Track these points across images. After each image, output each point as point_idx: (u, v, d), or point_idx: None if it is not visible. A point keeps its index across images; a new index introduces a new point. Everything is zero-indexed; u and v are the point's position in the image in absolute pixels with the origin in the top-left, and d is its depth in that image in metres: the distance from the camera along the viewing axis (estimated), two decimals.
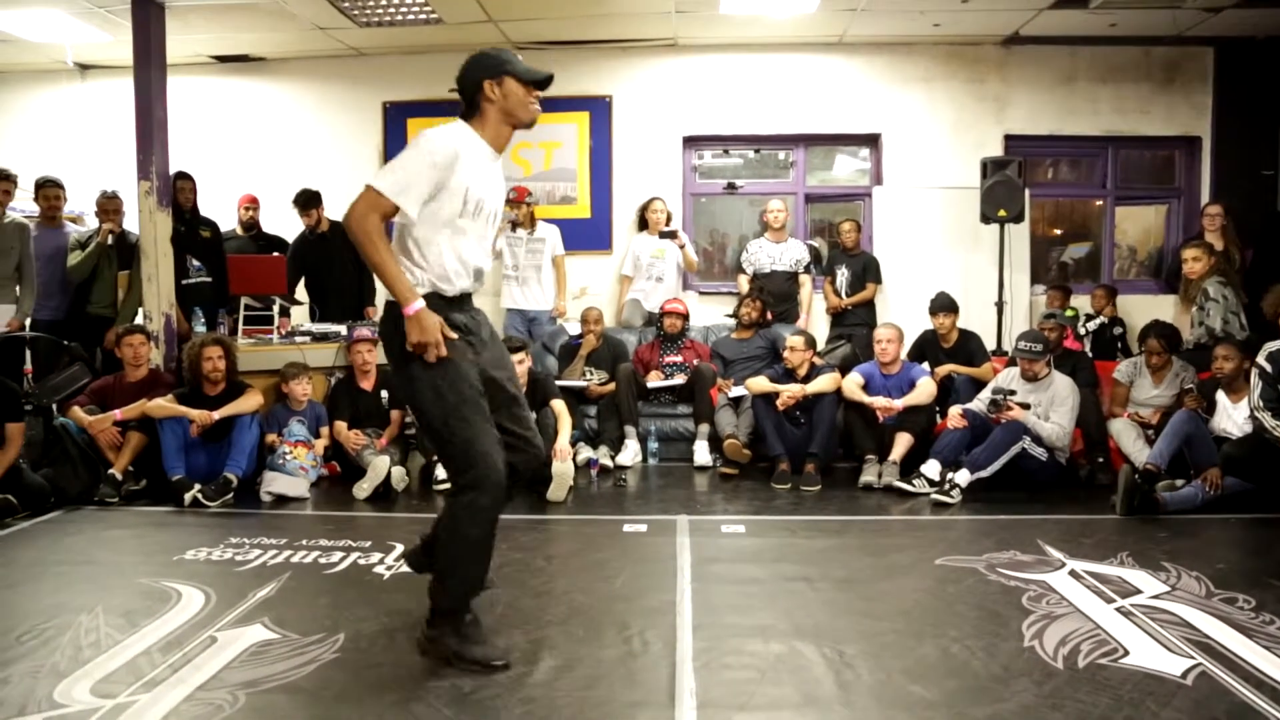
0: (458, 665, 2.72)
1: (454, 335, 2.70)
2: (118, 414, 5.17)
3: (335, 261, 6.63)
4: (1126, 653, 2.82)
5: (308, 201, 6.62)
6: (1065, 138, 7.52)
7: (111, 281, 6.26)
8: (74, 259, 6.12)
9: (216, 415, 5.13)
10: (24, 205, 6.95)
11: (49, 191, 6.23)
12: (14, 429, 4.83)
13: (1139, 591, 3.39)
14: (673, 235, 7.01)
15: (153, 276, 6.09)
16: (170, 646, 2.93)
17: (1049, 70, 7.39)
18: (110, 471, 5.02)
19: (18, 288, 5.92)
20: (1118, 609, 3.21)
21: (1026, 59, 7.39)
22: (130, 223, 6.33)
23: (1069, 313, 6.77)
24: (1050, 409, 5.12)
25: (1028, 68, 7.40)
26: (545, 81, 2.79)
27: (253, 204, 6.98)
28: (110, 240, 6.16)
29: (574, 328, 6.70)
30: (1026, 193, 6.90)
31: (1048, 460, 5.05)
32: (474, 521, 2.72)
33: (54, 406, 5.40)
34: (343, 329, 6.10)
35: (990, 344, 6.35)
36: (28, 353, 6.02)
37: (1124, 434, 5.17)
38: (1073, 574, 3.60)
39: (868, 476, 5.26)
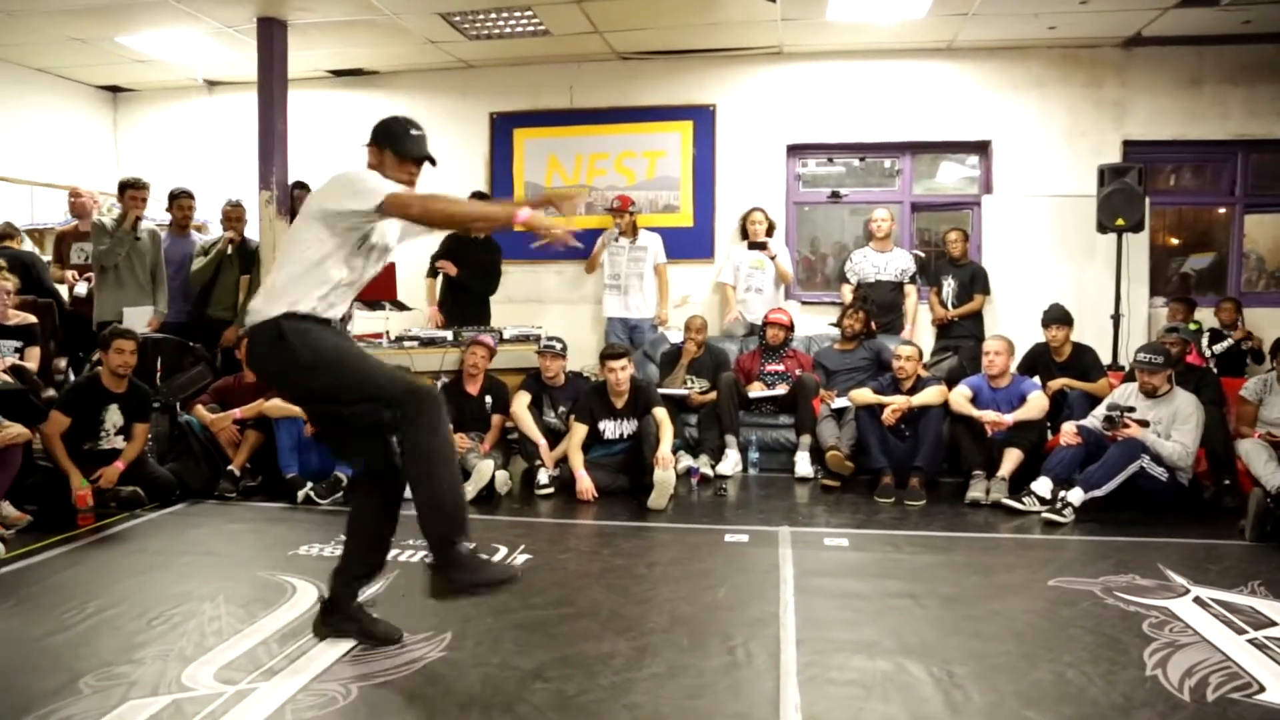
0: (477, 593, 2.77)
1: None
2: (237, 413, 5.41)
3: (478, 261, 6.82)
4: (1262, 689, 2.66)
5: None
6: (1190, 142, 7.17)
7: (232, 285, 6.56)
8: (196, 264, 6.44)
9: None
10: (155, 213, 7.35)
11: (183, 202, 6.58)
12: (140, 428, 5.11)
13: (1273, 624, 3.19)
14: (762, 247, 6.95)
15: None
16: (286, 638, 3.04)
17: (1173, 72, 7.07)
18: (229, 468, 5.26)
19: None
20: (1250, 641, 3.03)
21: (1148, 61, 7.09)
22: (251, 230, 6.63)
23: (1193, 326, 6.46)
24: (1172, 427, 4.88)
25: (1150, 70, 7.10)
26: (422, 159, 2.99)
27: None
28: (230, 249, 6.45)
29: (675, 336, 6.72)
30: (1147, 201, 6.61)
31: (1168, 481, 4.80)
32: (435, 432, 2.74)
33: (179, 404, 5.68)
34: (449, 334, 6.24)
35: (1106, 358, 6.10)
36: (157, 354, 6.37)
37: (1254, 455, 4.87)
38: (1198, 601, 3.42)
39: (975, 493, 5.11)
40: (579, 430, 5.34)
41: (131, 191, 6.09)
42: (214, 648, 2.94)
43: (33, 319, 5.59)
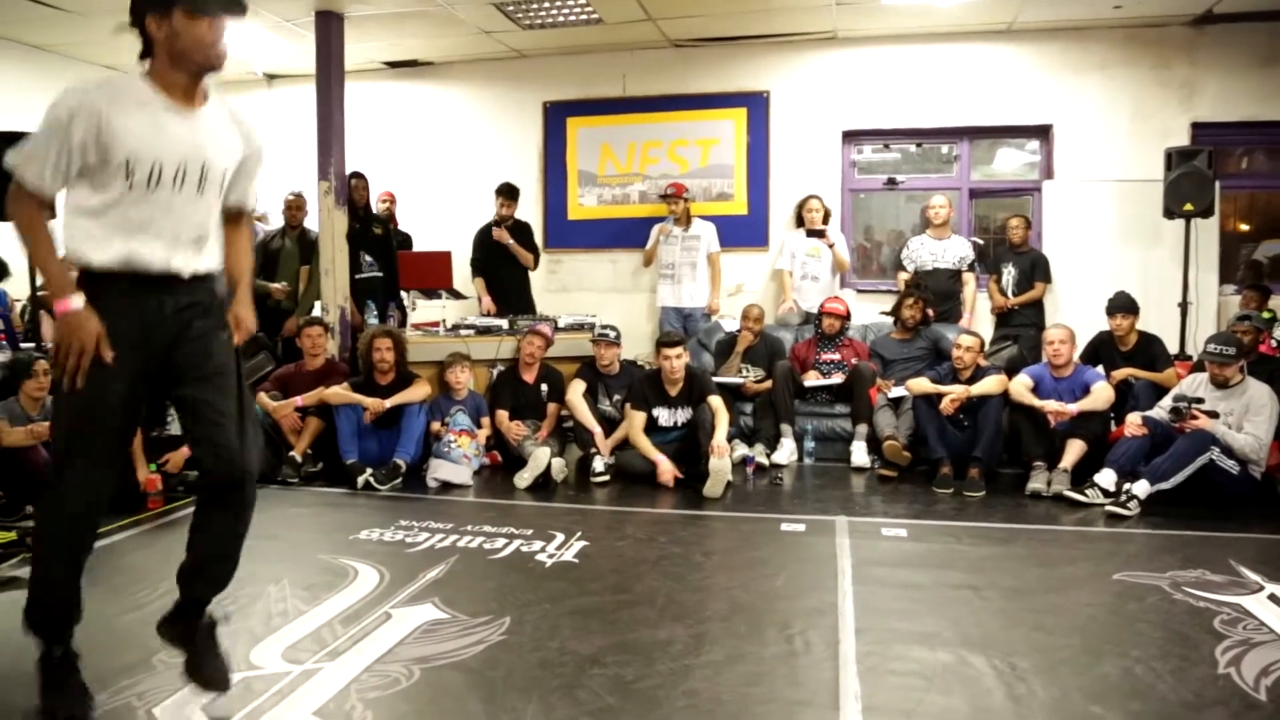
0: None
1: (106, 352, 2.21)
2: (298, 400, 5.51)
3: (508, 257, 6.90)
4: None
5: (511, 191, 6.91)
6: (1263, 124, 6.91)
7: (293, 276, 6.67)
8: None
9: (388, 403, 5.39)
10: None
11: None
12: None
13: None
14: (821, 234, 6.89)
15: (330, 271, 6.46)
16: (350, 620, 3.10)
17: (1246, 51, 6.82)
18: (291, 454, 5.36)
19: None
20: None
21: (1220, 39, 6.85)
22: (310, 220, 6.74)
23: (1266, 315, 6.25)
24: (1244, 418, 4.74)
25: (1221, 49, 6.86)
26: (222, 6, 2.27)
27: (389, 199, 7.30)
28: (288, 240, 6.56)
29: (730, 324, 6.69)
30: (1216, 185, 6.41)
31: (1240, 474, 4.66)
32: (39, 534, 2.40)
33: None
34: (504, 323, 6.29)
35: (1173, 347, 5.94)
36: None
37: None
38: (1273, 598, 3.31)
39: (1036, 484, 5.01)
40: (638, 418, 5.35)
41: None
42: (280, 628, 3.01)
43: None
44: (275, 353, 6.41)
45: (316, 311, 6.54)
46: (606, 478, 5.32)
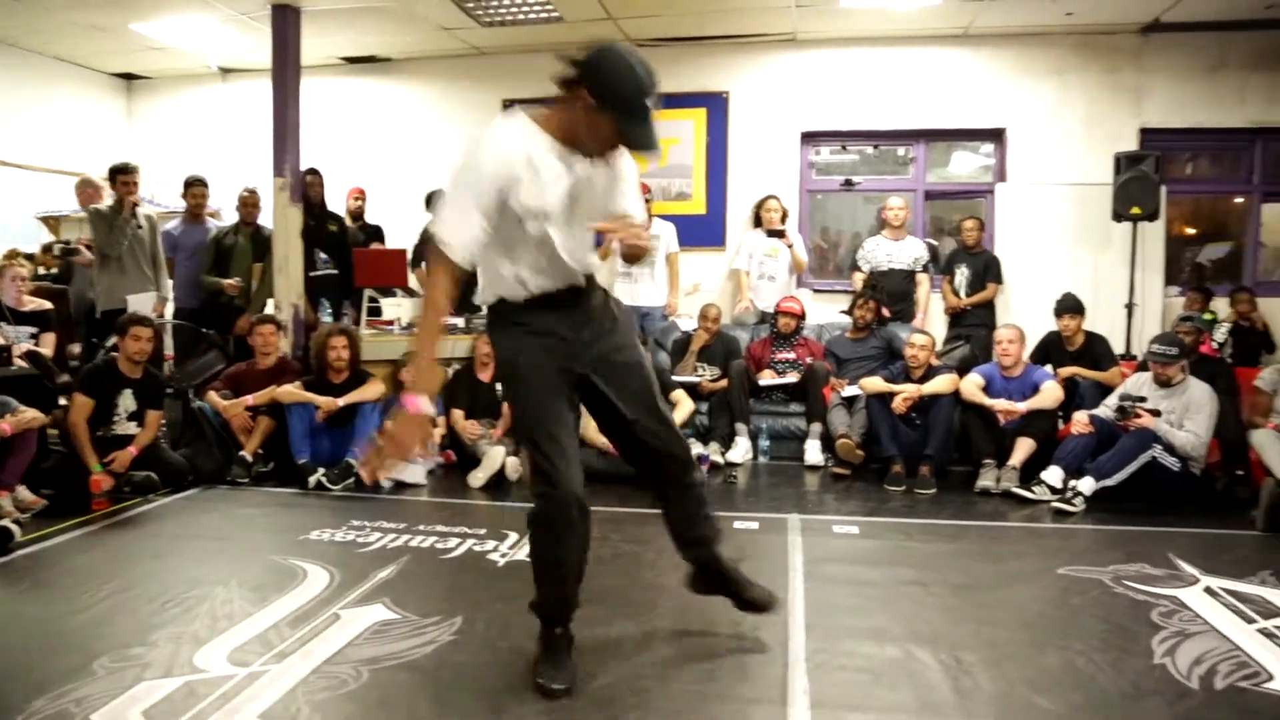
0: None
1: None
2: (249, 399, 5.43)
3: None
4: (1271, 677, 2.64)
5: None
6: (1208, 130, 7.10)
7: (245, 273, 6.58)
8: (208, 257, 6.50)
9: (341, 402, 5.33)
10: (172, 202, 7.40)
11: (196, 190, 6.61)
12: (153, 415, 5.13)
13: None
14: (781, 235, 6.94)
15: (283, 268, 6.39)
16: (298, 621, 3.07)
17: (1192, 58, 6.98)
18: (241, 453, 5.29)
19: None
20: (1260, 630, 3.01)
21: (1167, 47, 7.01)
22: (264, 217, 6.65)
23: (1208, 316, 6.41)
24: (1185, 417, 4.85)
25: (1168, 56, 7.02)
26: (636, 144, 2.41)
27: (360, 195, 7.25)
28: (241, 237, 6.48)
29: (686, 324, 6.71)
30: (1163, 189, 6.55)
31: (1181, 471, 4.77)
32: (535, 537, 2.72)
33: (192, 390, 5.72)
34: (460, 321, 6.26)
35: (1119, 347, 6.07)
36: (169, 339, 6.41)
37: (1268, 446, 4.81)
38: (1208, 591, 3.41)
39: (985, 481, 5.10)
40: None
41: (122, 177, 6.06)
42: (226, 630, 2.96)
43: (48, 305, 5.63)
44: (226, 351, 6.31)
45: (269, 309, 6.45)
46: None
